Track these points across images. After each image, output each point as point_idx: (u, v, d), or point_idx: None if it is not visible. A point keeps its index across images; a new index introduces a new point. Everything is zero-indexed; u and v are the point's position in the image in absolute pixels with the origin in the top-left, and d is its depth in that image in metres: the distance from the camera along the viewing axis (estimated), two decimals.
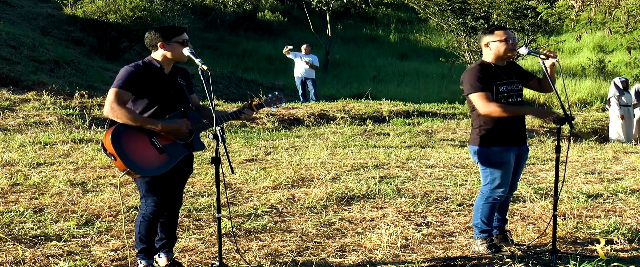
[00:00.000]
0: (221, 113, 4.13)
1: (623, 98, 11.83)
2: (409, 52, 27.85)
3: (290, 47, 14.61)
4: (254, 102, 4.16)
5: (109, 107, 3.71)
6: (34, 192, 6.06)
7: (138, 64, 3.88)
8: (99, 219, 5.25)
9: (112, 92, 3.74)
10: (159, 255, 4.14)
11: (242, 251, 4.57)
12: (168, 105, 3.90)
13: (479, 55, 4.10)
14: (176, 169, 3.92)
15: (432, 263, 4.38)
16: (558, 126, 4.34)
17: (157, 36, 3.88)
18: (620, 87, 11.87)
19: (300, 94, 15.07)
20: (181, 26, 4.01)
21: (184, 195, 6.02)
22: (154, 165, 3.80)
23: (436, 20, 20.14)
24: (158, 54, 3.92)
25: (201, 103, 4.25)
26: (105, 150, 3.77)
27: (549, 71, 4.41)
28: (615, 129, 11.80)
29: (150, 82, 3.83)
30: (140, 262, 4.04)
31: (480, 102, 4.32)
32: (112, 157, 3.73)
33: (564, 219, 5.31)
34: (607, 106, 12.34)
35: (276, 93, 4.31)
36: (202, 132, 4.14)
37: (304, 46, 14.91)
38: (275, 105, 4.25)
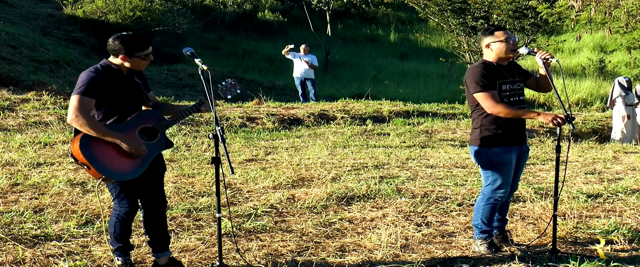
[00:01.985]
0: (182, 108, 4.15)
1: (627, 98, 11.81)
2: (409, 52, 27.85)
3: (291, 46, 14.59)
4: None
5: (74, 115, 3.64)
6: (34, 192, 6.06)
7: (97, 68, 3.82)
8: (99, 219, 5.25)
9: (75, 99, 3.66)
10: (157, 255, 4.15)
11: (242, 251, 4.57)
12: (127, 108, 3.89)
13: (479, 55, 4.08)
14: (148, 168, 3.92)
15: (432, 263, 4.38)
16: (558, 126, 4.34)
17: (121, 48, 3.81)
18: (626, 86, 11.85)
19: (299, 94, 15.06)
20: (147, 38, 3.94)
21: (184, 195, 6.06)
22: (129, 169, 3.78)
23: (436, 20, 20.13)
24: (117, 61, 3.88)
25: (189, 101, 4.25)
26: (76, 160, 3.71)
27: (546, 68, 4.39)
28: (620, 129, 11.76)
29: (109, 86, 3.78)
30: (118, 260, 4.08)
31: (487, 102, 4.31)
32: (85, 167, 3.67)
33: (564, 219, 5.31)
34: (609, 107, 12.29)
35: (229, 80, 4.30)
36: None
37: (302, 46, 14.89)
38: (230, 93, 4.25)
